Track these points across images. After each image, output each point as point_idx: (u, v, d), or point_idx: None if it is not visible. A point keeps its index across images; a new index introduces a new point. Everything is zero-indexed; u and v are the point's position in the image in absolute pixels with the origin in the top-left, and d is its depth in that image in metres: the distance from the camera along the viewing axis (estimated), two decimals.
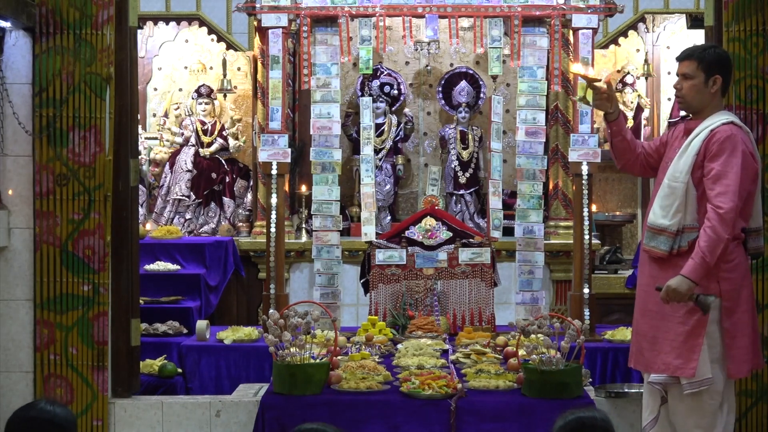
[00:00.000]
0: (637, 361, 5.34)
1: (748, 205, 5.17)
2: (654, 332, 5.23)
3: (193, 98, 9.74)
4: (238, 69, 9.87)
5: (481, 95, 9.62)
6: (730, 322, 5.12)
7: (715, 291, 5.10)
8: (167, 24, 9.55)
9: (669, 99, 9.92)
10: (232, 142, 9.68)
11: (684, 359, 5.10)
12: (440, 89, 9.68)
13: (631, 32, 9.38)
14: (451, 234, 7.63)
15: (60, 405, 3.63)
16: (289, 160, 7.58)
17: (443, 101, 9.69)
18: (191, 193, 9.57)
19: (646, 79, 9.92)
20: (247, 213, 9.60)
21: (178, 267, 8.84)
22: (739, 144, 5.11)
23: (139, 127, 7.89)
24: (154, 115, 9.99)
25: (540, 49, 7.73)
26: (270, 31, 7.56)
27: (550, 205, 9.23)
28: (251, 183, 9.59)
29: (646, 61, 9.82)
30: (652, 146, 5.51)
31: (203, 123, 9.67)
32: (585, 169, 7.42)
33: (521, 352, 5.85)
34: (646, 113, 9.89)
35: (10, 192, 6.22)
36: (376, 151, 9.11)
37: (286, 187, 8.14)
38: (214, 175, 9.63)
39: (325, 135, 7.74)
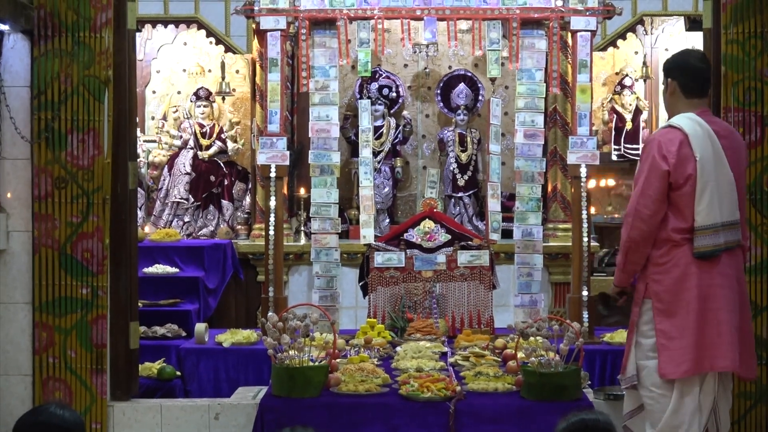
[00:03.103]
0: None
1: (682, 205, 5.18)
2: None
3: (191, 101, 9.74)
4: (237, 72, 9.88)
5: (480, 98, 9.63)
6: (666, 324, 5.17)
7: (642, 292, 5.26)
8: (166, 27, 9.57)
9: None
10: (230, 144, 9.69)
11: (625, 357, 5.34)
12: (439, 92, 9.69)
13: (629, 34, 9.40)
14: (449, 236, 7.63)
15: (69, 409, 3.63)
16: (287, 162, 7.58)
17: (442, 104, 9.69)
18: (190, 196, 9.57)
19: (645, 81, 9.92)
20: (245, 216, 9.60)
21: (177, 270, 8.84)
22: (653, 148, 5.23)
23: (138, 130, 7.88)
24: (153, 118, 9.99)
25: (538, 52, 7.74)
26: (268, 33, 7.56)
27: (548, 207, 9.23)
28: (250, 186, 9.59)
29: (644, 63, 9.83)
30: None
31: (202, 126, 9.67)
32: (583, 171, 7.43)
33: (520, 354, 5.85)
34: (644, 116, 9.90)
35: (8, 195, 6.21)
36: (375, 154, 9.11)
37: (285, 190, 8.14)
38: (212, 178, 9.63)
39: (324, 137, 7.74)
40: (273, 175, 7.52)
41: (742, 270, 5.38)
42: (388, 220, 9.56)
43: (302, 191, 9.11)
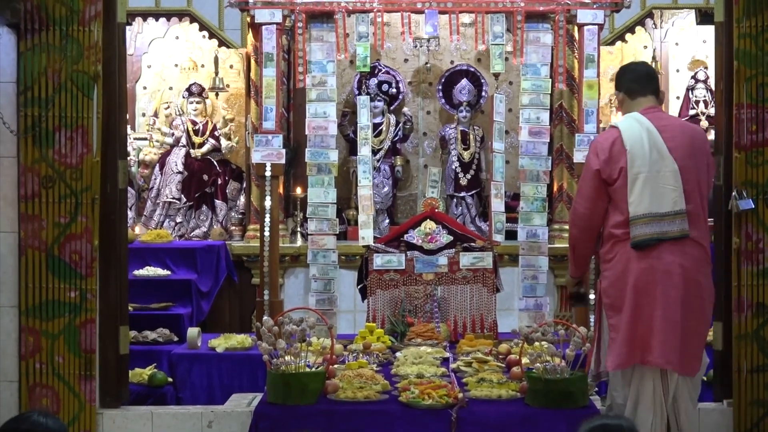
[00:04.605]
0: None
1: (618, 198, 5.54)
2: None
3: (183, 97, 9.74)
4: (231, 67, 9.88)
5: (483, 94, 9.63)
6: (614, 319, 5.54)
7: (599, 288, 5.70)
8: (157, 20, 9.57)
9: (678, 97, 9.93)
10: (224, 142, 9.69)
11: (591, 353, 5.68)
12: (440, 87, 9.69)
13: (638, 28, 9.40)
14: (451, 238, 7.63)
15: (53, 417, 3.64)
16: (283, 161, 7.59)
17: (443, 100, 9.69)
18: (182, 196, 9.57)
19: None
20: (239, 216, 9.61)
21: (169, 272, 8.84)
22: (590, 149, 5.76)
23: (128, 127, 7.89)
24: (144, 115, 10.00)
25: (544, 46, 7.75)
26: (264, 27, 7.57)
27: (554, 207, 9.24)
28: (244, 185, 9.59)
29: (654, 58, 9.83)
30: None
31: (194, 123, 9.67)
32: None
33: (525, 360, 5.86)
34: None
35: None
36: (374, 152, 9.11)
37: (281, 190, 8.15)
38: (205, 177, 9.64)
39: (321, 135, 7.75)
40: (268, 174, 7.53)
41: (693, 264, 5.53)
42: (387, 221, 9.56)
43: (299, 191, 9.12)
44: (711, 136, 8.74)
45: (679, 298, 5.46)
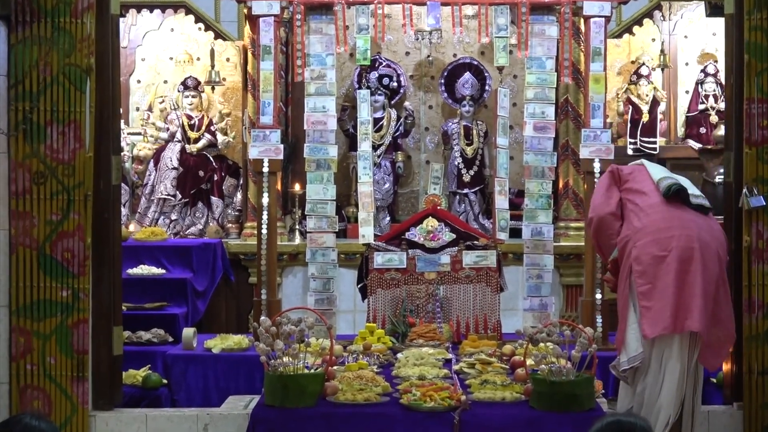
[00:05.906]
0: None
1: (636, 186, 5.93)
2: None
3: (179, 91, 9.74)
4: (227, 60, 9.88)
5: (486, 88, 9.63)
6: (647, 286, 5.69)
7: (628, 266, 5.77)
8: (151, 12, 9.57)
9: (687, 92, 9.93)
10: (220, 137, 9.69)
11: (623, 334, 5.78)
12: (443, 81, 9.69)
13: (646, 20, 9.40)
14: (454, 236, 7.63)
15: (45, 420, 3.64)
16: (281, 156, 7.60)
17: (446, 94, 9.69)
18: (177, 193, 9.58)
19: (663, 70, 9.93)
20: (236, 213, 9.61)
21: (163, 271, 8.85)
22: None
23: (122, 121, 7.90)
24: (138, 109, 10.00)
25: (549, 39, 7.75)
26: (261, 19, 7.57)
27: (559, 204, 9.24)
28: (241, 181, 9.60)
29: (662, 51, 9.83)
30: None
31: (190, 117, 9.67)
32: (597, 166, 7.44)
33: (529, 361, 5.86)
34: (662, 107, 9.90)
35: None
36: (375, 148, 9.11)
37: (279, 186, 8.15)
38: (201, 173, 9.64)
39: (320, 130, 7.75)
40: (266, 170, 7.53)
41: (725, 255, 5.81)
42: (388, 219, 9.57)
43: (297, 187, 9.12)
44: (721, 131, 8.76)
45: (717, 276, 5.68)
